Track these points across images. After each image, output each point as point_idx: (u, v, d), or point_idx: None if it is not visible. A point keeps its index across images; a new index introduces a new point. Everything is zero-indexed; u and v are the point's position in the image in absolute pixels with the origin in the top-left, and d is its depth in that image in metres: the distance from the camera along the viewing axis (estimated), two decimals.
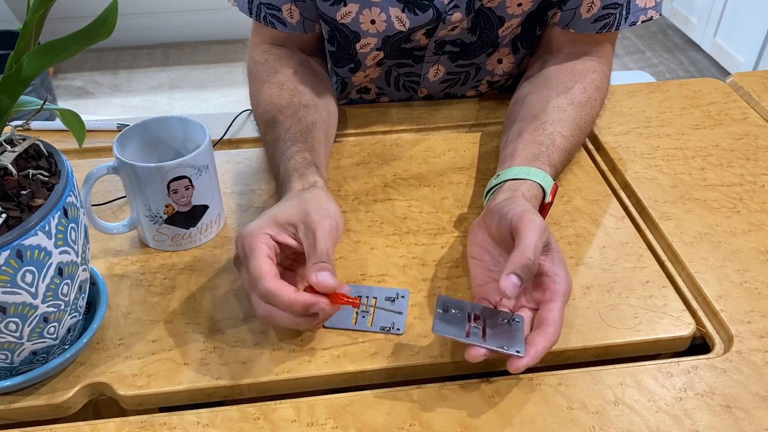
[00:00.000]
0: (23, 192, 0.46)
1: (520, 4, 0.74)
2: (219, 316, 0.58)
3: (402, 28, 0.74)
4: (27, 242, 0.44)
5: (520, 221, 0.54)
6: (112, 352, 0.55)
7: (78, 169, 0.70)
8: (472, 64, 0.83)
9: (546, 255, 0.54)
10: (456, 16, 0.73)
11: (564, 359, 0.56)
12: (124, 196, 0.71)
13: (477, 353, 0.50)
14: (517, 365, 0.49)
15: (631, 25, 0.74)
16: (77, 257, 0.49)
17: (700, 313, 0.59)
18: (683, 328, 0.57)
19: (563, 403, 0.51)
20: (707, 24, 2.65)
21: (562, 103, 0.71)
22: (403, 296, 0.60)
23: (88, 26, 0.44)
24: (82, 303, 0.53)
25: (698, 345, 0.58)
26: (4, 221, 0.44)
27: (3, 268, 0.43)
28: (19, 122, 0.55)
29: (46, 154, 0.50)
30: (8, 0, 2.59)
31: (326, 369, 0.54)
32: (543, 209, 0.64)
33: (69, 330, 0.52)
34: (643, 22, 0.74)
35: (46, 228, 0.45)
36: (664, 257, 0.65)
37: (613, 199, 0.72)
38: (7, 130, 0.49)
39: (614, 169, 0.77)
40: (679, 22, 2.88)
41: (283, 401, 0.52)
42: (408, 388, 0.52)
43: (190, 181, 0.60)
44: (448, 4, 0.72)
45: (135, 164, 0.59)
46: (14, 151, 0.48)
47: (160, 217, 0.62)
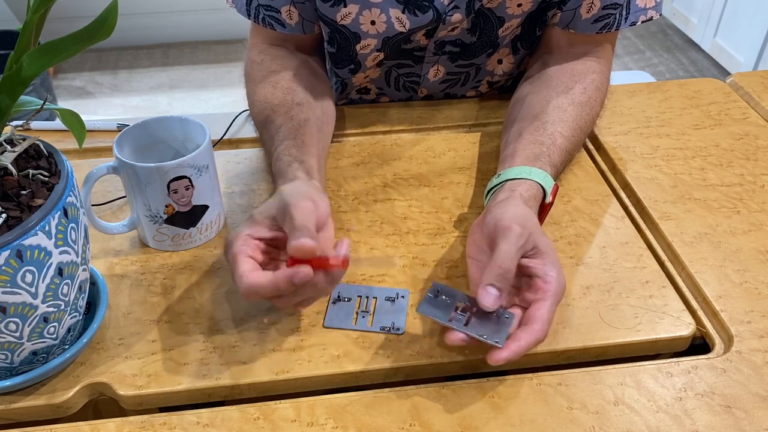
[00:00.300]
0: (23, 192, 0.46)
1: (519, 5, 0.74)
2: (219, 316, 0.58)
3: (402, 29, 0.74)
4: (27, 242, 0.44)
5: (497, 229, 0.55)
6: (112, 352, 0.55)
7: (78, 169, 0.70)
8: (472, 64, 0.83)
9: (535, 257, 0.54)
10: (456, 16, 0.73)
11: (564, 359, 0.56)
12: (124, 196, 0.71)
13: (455, 337, 0.51)
14: (496, 357, 0.49)
15: (631, 26, 0.74)
16: (77, 257, 0.49)
17: (700, 313, 0.59)
18: (683, 328, 0.57)
19: (563, 403, 0.51)
20: (707, 24, 2.65)
21: (563, 103, 0.71)
22: (403, 296, 0.60)
23: (88, 26, 0.44)
24: (82, 303, 0.53)
25: (698, 345, 0.58)
26: (4, 221, 0.44)
27: (3, 268, 0.43)
28: (19, 122, 0.55)
29: (46, 154, 0.50)
30: (8, 0, 2.59)
31: (326, 369, 0.54)
32: (543, 209, 0.64)
33: (69, 330, 0.52)
34: (643, 22, 0.74)
35: (46, 228, 0.45)
36: (664, 257, 0.65)
37: (613, 199, 0.72)
38: (7, 130, 0.49)
39: (614, 169, 0.77)
40: (679, 22, 2.88)
41: (283, 401, 0.52)
42: (408, 388, 0.52)
43: (190, 181, 0.60)
44: (448, 5, 0.72)
45: (135, 164, 0.59)
46: (14, 151, 0.48)
47: (160, 217, 0.62)
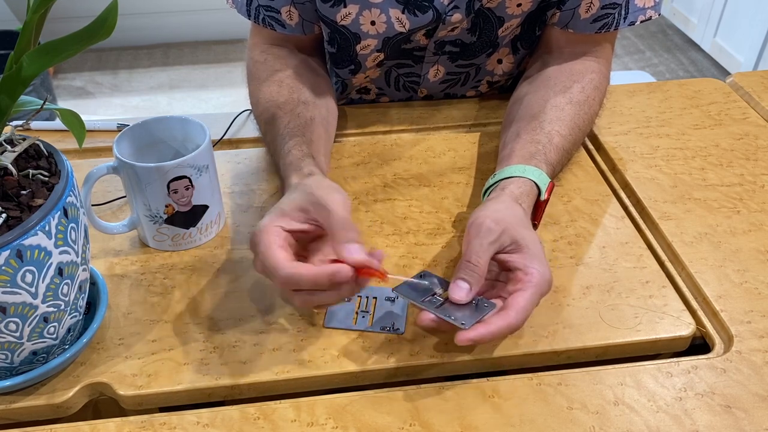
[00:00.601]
0: (23, 192, 0.46)
1: (519, 5, 0.74)
2: (219, 316, 0.58)
3: (402, 29, 0.74)
4: (27, 242, 0.44)
5: (469, 228, 0.56)
6: (112, 352, 0.55)
7: (78, 169, 0.70)
8: (472, 64, 0.83)
9: (515, 252, 0.55)
10: (456, 16, 0.73)
11: (564, 359, 0.56)
12: (124, 196, 0.71)
13: (424, 317, 0.52)
14: (461, 337, 0.50)
15: (629, 25, 0.74)
16: (77, 257, 0.49)
17: (700, 313, 0.59)
18: (683, 328, 0.57)
19: (563, 403, 0.51)
20: (707, 24, 2.65)
21: (560, 102, 0.71)
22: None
23: (88, 26, 0.44)
24: (82, 303, 0.53)
25: (698, 345, 0.58)
26: (4, 221, 0.44)
27: (3, 268, 0.43)
28: (19, 122, 0.55)
29: (46, 154, 0.50)
30: (8, 0, 2.59)
31: (326, 369, 0.54)
32: (539, 207, 0.64)
33: (69, 330, 0.52)
34: (642, 22, 0.74)
35: (46, 228, 0.45)
36: (664, 257, 0.65)
37: (613, 199, 0.72)
38: (7, 130, 0.49)
39: (614, 169, 0.77)
40: (679, 22, 2.88)
41: (283, 401, 0.52)
42: (408, 388, 0.52)
43: (190, 181, 0.60)
44: (448, 5, 0.72)
45: (135, 164, 0.59)
46: (14, 151, 0.48)
47: (160, 217, 0.62)
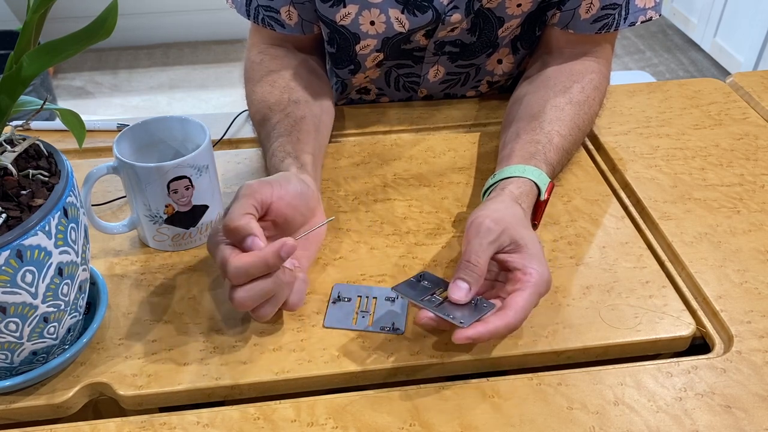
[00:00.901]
0: (23, 192, 0.46)
1: (519, 5, 0.74)
2: (219, 316, 0.58)
3: (401, 30, 0.74)
4: (27, 242, 0.44)
5: (468, 228, 0.57)
6: (112, 352, 0.55)
7: (78, 169, 0.70)
8: (472, 64, 0.83)
9: (514, 252, 0.55)
10: (455, 17, 0.73)
11: (564, 359, 0.56)
12: (124, 196, 0.71)
13: (423, 315, 0.53)
14: (458, 335, 0.50)
15: (630, 26, 0.74)
16: (77, 257, 0.49)
17: (700, 313, 0.59)
18: (683, 328, 0.57)
19: (563, 403, 0.51)
20: (707, 24, 2.65)
21: (560, 102, 0.71)
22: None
23: (88, 26, 0.44)
24: (82, 303, 0.53)
25: (698, 345, 0.58)
26: (4, 221, 0.44)
27: (3, 268, 0.43)
28: (19, 122, 0.55)
29: (46, 154, 0.50)
30: (8, 0, 2.59)
31: (326, 369, 0.54)
32: (538, 207, 0.64)
33: (69, 330, 0.52)
34: (642, 22, 0.74)
35: (46, 228, 0.45)
36: (664, 257, 0.65)
37: (613, 199, 0.72)
38: (7, 130, 0.49)
39: (614, 169, 0.77)
40: (679, 22, 2.88)
41: (283, 401, 0.52)
42: (408, 388, 0.52)
43: (190, 181, 0.60)
44: (448, 5, 0.72)
45: (135, 164, 0.59)
46: (14, 151, 0.48)
47: (160, 217, 0.62)
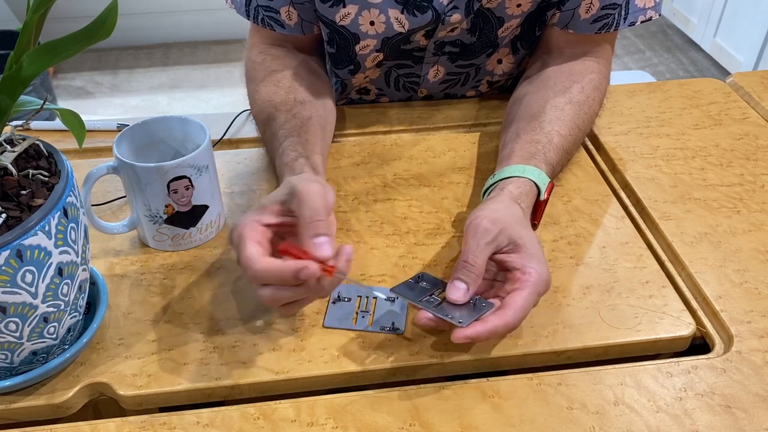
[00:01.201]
0: (23, 192, 0.46)
1: (519, 5, 0.74)
2: (219, 316, 0.58)
3: (401, 30, 0.74)
4: (27, 242, 0.44)
5: (467, 228, 0.57)
6: (112, 352, 0.55)
7: (78, 169, 0.70)
8: (472, 64, 0.83)
9: (513, 252, 0.55)
10: (455, 17, 0.73)
11: (564, 359, 0.56)
12: (124, 196, 0.71)
13: (422, 315, 0.53)
14: (457, 335, 0.51)
15: (630, 26, 0.74)
16: (77, 257, 0.49)
17: (700, 313, 0.59)
18: (683, 328, 0.57)
19: (563, 403, 0.51)
20: (707, 24, 2.65)
21: (560, 102, 0.71)
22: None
23: (88, 26, 0.44)
24: (82, 303, 0.53)
25: (698, 345, 0.58)
26: (4, 221, 0.44)
27: (3, 268, 0.43)
28: (19, 122, 0.55)
29: (46, 154, 0.50)
30: (8, 0, 2.59)
31: (326, 369, 0.54)
32: (538, 207, 0.64)
33: (69, 330, 0.52)
34: (642, 22, 0.74)
35: (46, 228, 0.45)
36: (664, 257, 0.65)
37: (613, 199, 0.72)
38: (7, 130, 0.49)
39: (614, 169, 0.77)
40: (679, 22, 2.88)
41: (283, 401, 0.52)
42: (408, 388, 0.52)
43: (190, 181, 0.60)
44: (447, 5, 0.72)
45: (135, 164, 0.59)
46: (14, 151, 0.48)
47: (160, 217, 0.62)
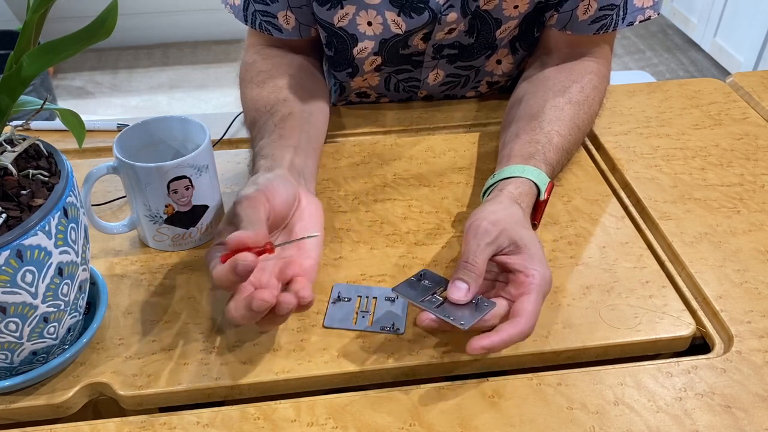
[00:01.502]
0: (23, 192, 0.46)
1: (516, 6, 0.74)
2: (219, 316, 0.58)
3: (398, 31, 0.74)
4: (27, 242, 0.44)
5: (467, 230, 0.57)
6: (112, 352, 0.55)
7: (78, 169, 0.70)
8: (471, 66, 0.83)
9: (514, 253, 0.55)
10: (451, 15, 0.73)
11: (564, 359, 0.56)
12: (124, 196, 0.71)
13: (424, 317, 0.53)
14: (474, 345, 0.49)
15: (628, 26, 0.74)
16: (77, 257, 0.49)
17: (700, 313, 0.59)
18: (683, 328, 0.57)
19: (563, 403, 0.51)
20: (707, 24, 2.65)
21: (560, 102, 0.71)
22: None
23: (88, 26, 0.44)
24: (82, 303, 0.53)
25: (698, 345, 0.58)
26: (4, 221, 0.44)
27: (3, 268, 0.43)
28: (19, 122, 0.55)
29: (46, 154, 0.50)
30: (8, 0, 2.59)
31: (326, 369, 0.54)
32: (538, 207, 0.64)
33: (69, 330, 0.52)
34: (641, 22, 0.74)
35: (46, 228, 0.45)
36: (664, 257, 0.65)
37: (613, 199, 0.72)
38: (7, 130, 0.49)
39: (614, 169, 0.77)
40: (679, 22, 2.88)
41: (283, 401, 0.52)
42: (408, 388, 0.52)
43: (190, 181, 0.60)
44: (444, 4, 0.72)
45: (135, 164, 0.59)
46: (14, 151, 0.48)
47: (160, 217, 0.62)
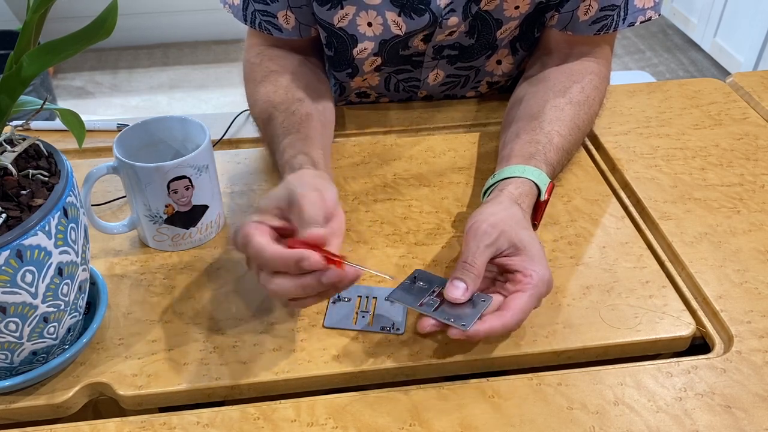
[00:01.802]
0: (23, 192, 0.46)
1: (517, 7, 0.74)
2: (219, 316, 0.58)
3: (398, 32, 0.74)
4: (27, 242, 0.44)
5: (467, 232, 0.57)
6: (112, 352, 0.55)
7: (78, 169, 0.70)
8: (471, 66, 0.83)
9: (514, 255, 0.55)
10: (452, 20, 0.73)
11: (564, 359, 0.56)
12: (124, 196, 0.71)
13: (425, 323, 0.53)
14: (453, 331, 0.51)
15: (629, 26, 0.74)
16: (77, 257, 0.49)
17: (700, 313, 0.59)
18: (683, 328, 0.57)
19: (563, 403, 0.51)
20: (707, 24, 2.65)
21: (560, 102, 0.71)
22: None
23: (88, 26, 0.44)
24: (82, 303, 0.53)
25: (698, 345, 0.58)
26: (4, 221, 0.44)
27: (3, 268, 0.43)
28: (19, 122, 0.55)
29: (46, 154, 0.50)
30: (8, 0, 2.59)
31: (326, 369, 0.54)
32: (539, 207, 0.64)
33: (69, 330, 0.52)
34: (641, 22, 0.74)
35: (46, 228, 0.45)
36: (664, 257, 0.65)
37: (613, 199, 0.72)
38: (7, 130, 0.49)
39: (614, 169, 0.77)
40: (679, 22, 2.88)
41: (283, 401, 0.52)
42: (408, 388, 0.52)
43: (190, 181, 0.60)
44: (445, 8, 0.72)
45: (135, 164, 0.59)
46: (14, 151, 0.48)
47: (160, 217, 0.62)
